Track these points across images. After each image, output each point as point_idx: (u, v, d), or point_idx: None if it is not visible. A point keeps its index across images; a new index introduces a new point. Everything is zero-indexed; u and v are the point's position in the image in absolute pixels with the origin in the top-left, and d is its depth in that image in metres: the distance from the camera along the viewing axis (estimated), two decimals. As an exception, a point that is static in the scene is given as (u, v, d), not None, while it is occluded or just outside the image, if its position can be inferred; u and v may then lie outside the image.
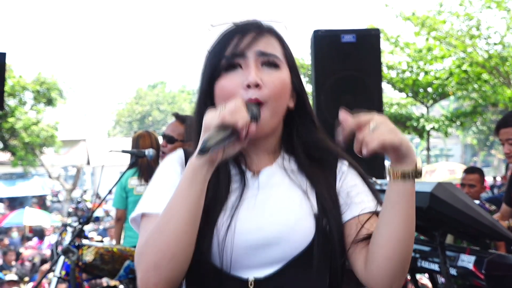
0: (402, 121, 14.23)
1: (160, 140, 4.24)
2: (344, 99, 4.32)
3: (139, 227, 1.24)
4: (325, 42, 4.34)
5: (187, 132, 3.35)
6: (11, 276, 8.17)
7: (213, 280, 1.17)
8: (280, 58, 1.26)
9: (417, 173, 1.11)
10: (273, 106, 1.23)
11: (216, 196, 1.21)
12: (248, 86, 1.20)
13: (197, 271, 1.17)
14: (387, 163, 1.20)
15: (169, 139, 3.33)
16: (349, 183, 1.29)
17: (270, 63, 1.24)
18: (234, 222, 1.18)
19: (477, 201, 4.50)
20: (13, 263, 10.38)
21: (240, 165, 1.28)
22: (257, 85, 1.20)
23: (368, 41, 4.40)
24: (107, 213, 18.13)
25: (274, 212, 1.20)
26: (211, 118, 1.11)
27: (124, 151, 3.90)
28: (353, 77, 4.33)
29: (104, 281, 4.16)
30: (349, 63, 4.32)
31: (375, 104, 4.36)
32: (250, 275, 1.18)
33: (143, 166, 4.55)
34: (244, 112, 1.12)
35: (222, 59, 1.23)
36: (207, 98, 1.27)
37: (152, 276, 1.10)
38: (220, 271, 1.17)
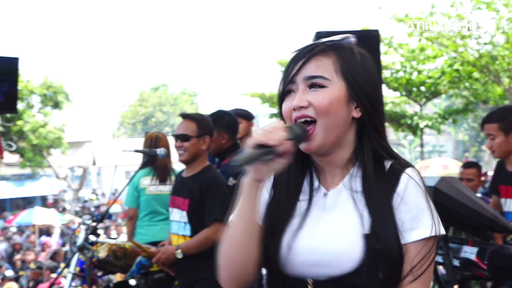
0: (396, 119, 14.41)
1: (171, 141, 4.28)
2: (347, 98, 4.43)
3: None
4: (328, 43, 4.45)
5: (200, 128, 3.45)
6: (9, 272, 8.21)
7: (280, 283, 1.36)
8: (327, 77, 1.34)
9: None
10: (324, 122, 1.33)
11: (281, 215, 1.37)
12: (294, 109, 1.34)
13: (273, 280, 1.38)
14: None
15: (184, 137, 3.41)
16: (404, 207, 1.31)
17: (316, 85, 1.34)
18: (296, 242, 1.32)
19: (478, 195, 4.60)
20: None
21: (313, 181, 1.41)
22: (302, 107, 1.33)
23: (368, 41, 4.48)
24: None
25: (330, 237, 1.30)
26: (250, 139, 1.25)
27: (137, 151, 3.96)
28: (355, 77, 4.43)
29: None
30: (351, 63, 4.43)
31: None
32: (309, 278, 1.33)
33: (160, 166, 4.57)
34: (279, 132, 1.24)
35: (282, 86, 1.41)
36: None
37: (223, 276, 1.36)
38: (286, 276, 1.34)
